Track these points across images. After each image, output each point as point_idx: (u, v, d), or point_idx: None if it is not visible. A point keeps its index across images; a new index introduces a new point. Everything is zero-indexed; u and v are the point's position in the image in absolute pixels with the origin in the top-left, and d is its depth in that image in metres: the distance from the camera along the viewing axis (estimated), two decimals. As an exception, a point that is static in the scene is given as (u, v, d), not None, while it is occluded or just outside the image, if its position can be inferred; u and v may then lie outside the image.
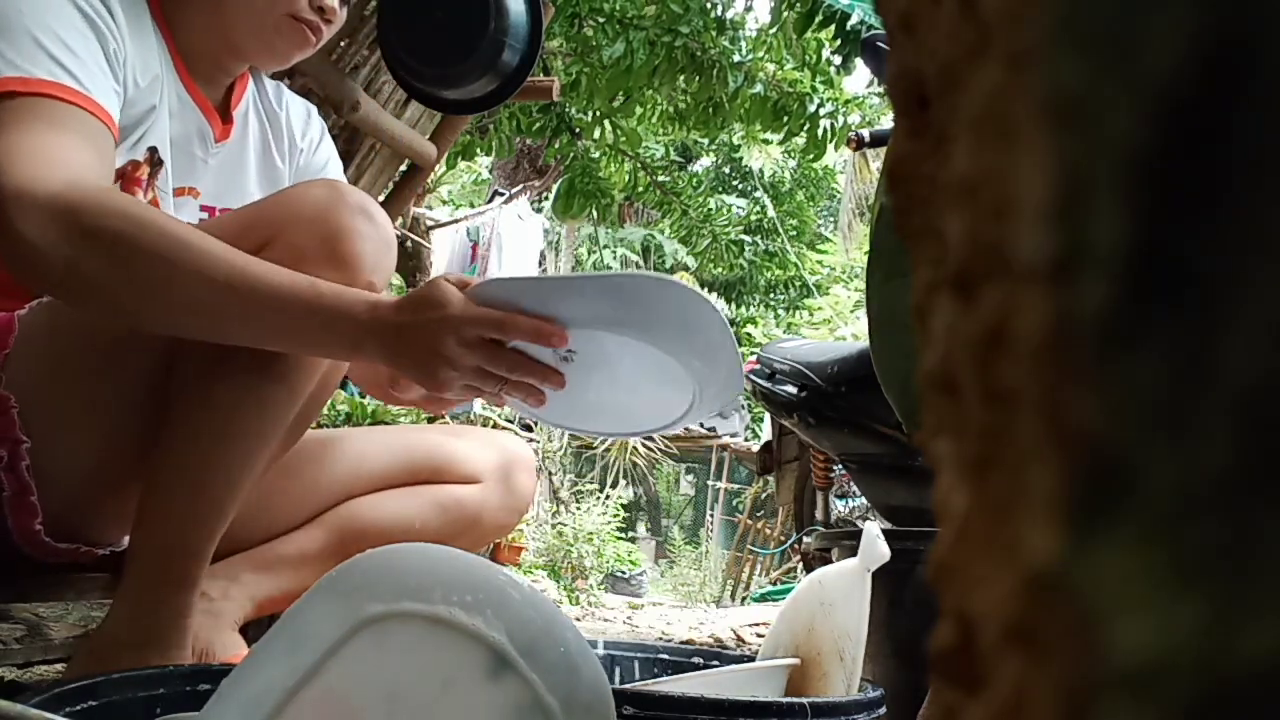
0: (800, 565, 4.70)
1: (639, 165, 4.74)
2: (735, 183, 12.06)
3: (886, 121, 3.56)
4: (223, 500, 0.92)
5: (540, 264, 6.75)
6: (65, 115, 0.86)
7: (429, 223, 5.57)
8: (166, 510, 0.91)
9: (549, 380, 0.91)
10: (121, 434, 0.97)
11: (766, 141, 6.67)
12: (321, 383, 1.01)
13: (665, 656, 1.01)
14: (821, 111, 3.73)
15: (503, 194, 5.91)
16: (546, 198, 6.31)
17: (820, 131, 3.75)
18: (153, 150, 1.02)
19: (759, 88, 3.68)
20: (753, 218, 10.90)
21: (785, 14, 3.55)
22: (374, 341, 0.85)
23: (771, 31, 3.72)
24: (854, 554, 0.86)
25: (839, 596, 0.87)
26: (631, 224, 11.24)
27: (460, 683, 0.47)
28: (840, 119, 3.75)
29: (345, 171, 1.47)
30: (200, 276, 0.81)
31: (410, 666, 0.47)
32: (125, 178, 0.99)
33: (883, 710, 0.77)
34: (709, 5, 3.60)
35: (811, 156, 4.05)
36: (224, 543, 1.00)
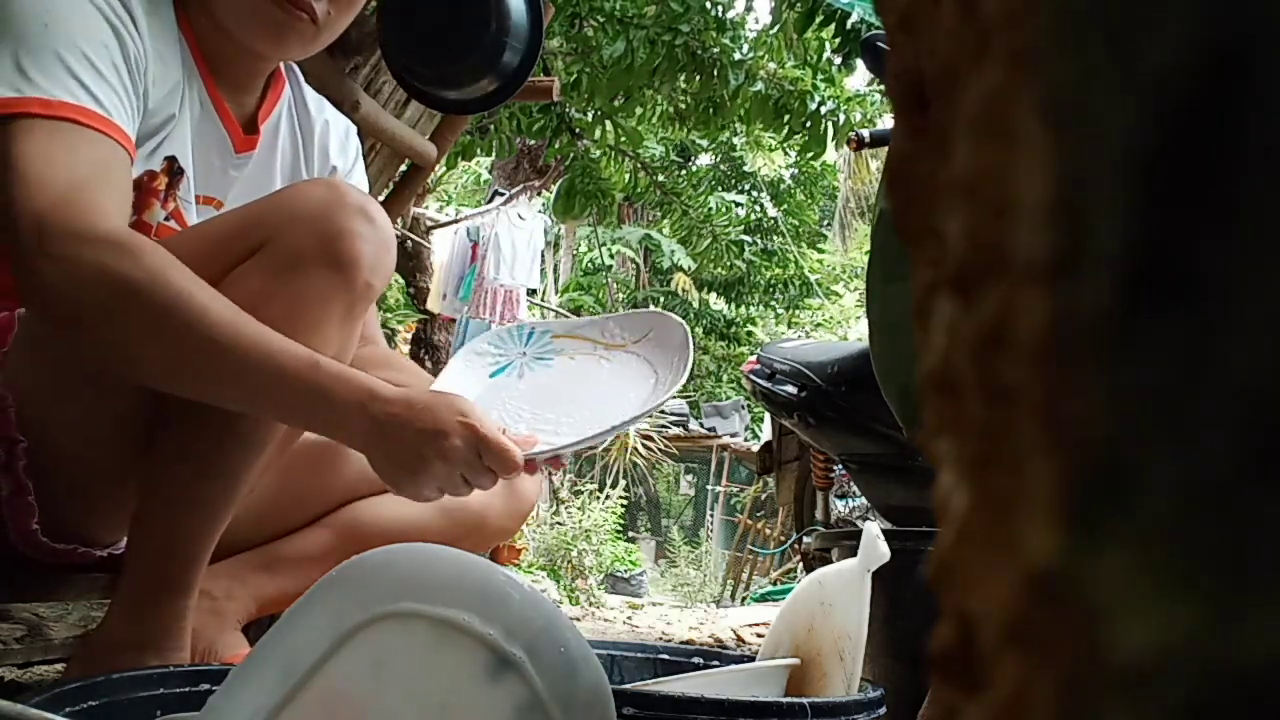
0: (800, 565, 4.70)
1: (639, 165, 4.73)
2: (734, 181, 12.04)
3: (888, 118, 3.56)
4: (219, 505, 0.92)
5: (541, 263, 6.74)
6: (85, 140, 0.85)
7: (429, 223, 5.57)
8: (163, 515, 0.91)
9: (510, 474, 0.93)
10: (119, 434, 0.97)
11: (770, 148, 6.65)
12: None
13: (665, 657, 1.01)
14: (823, 109, 3.72)
15: (503, 194, 5.90)
16: (547, 197, 6.30)
17: (823, 128, 3.74)
18: (171, 159, 1.00)
19: (759, 86, 3.67)
20: (752, 217, 10.88)
21: (785, 14, 3.55)
22: (361, 419, 0.85)
23: (772, 32, 3.72)
24: (854, 554, 0.86)
25: (839, 596, 0.87)
26: (630, 224, 11.22)
27: (460, 683, 0.47)
28: (842, 116, 3.75)
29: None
30: (196, 333, 0.81)
31: (410, 666, 0.47)
32: (141, 189, 0.97)
33: (883, 710, 0.77)
34: (709, 4, 3.59)
35: (812, 154, 4.04)
36: (228, 543, 1.00)
